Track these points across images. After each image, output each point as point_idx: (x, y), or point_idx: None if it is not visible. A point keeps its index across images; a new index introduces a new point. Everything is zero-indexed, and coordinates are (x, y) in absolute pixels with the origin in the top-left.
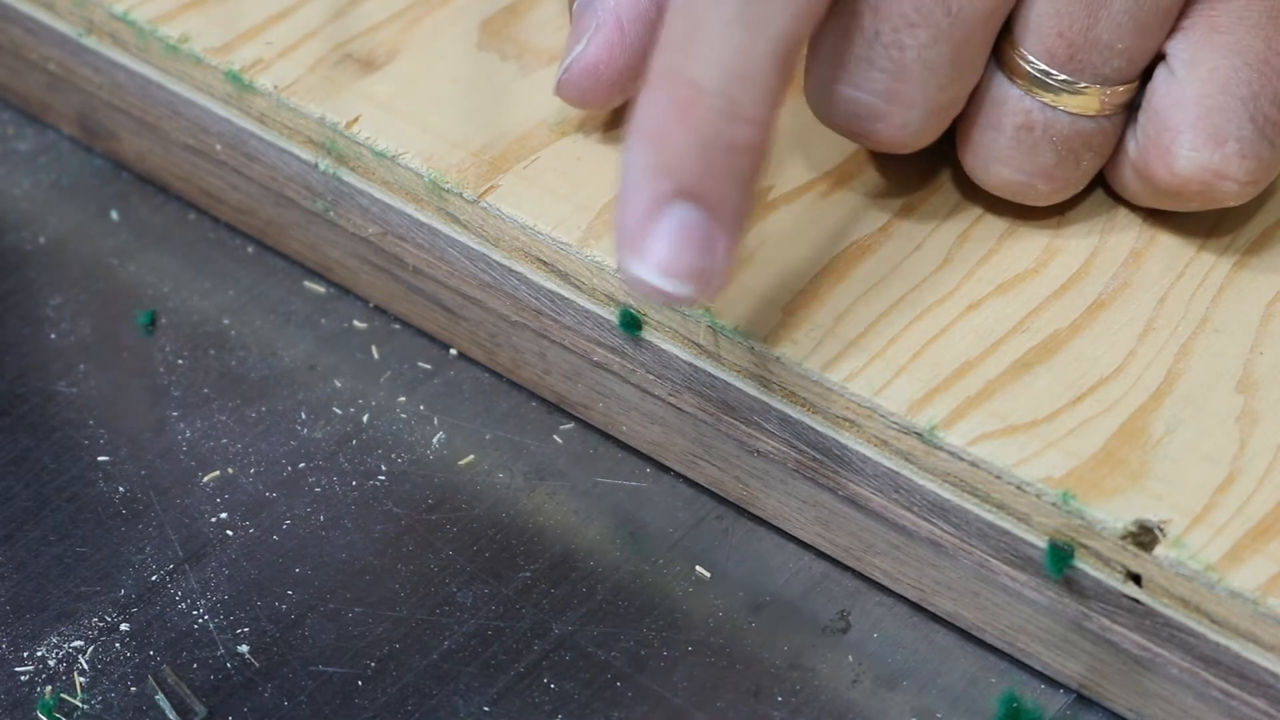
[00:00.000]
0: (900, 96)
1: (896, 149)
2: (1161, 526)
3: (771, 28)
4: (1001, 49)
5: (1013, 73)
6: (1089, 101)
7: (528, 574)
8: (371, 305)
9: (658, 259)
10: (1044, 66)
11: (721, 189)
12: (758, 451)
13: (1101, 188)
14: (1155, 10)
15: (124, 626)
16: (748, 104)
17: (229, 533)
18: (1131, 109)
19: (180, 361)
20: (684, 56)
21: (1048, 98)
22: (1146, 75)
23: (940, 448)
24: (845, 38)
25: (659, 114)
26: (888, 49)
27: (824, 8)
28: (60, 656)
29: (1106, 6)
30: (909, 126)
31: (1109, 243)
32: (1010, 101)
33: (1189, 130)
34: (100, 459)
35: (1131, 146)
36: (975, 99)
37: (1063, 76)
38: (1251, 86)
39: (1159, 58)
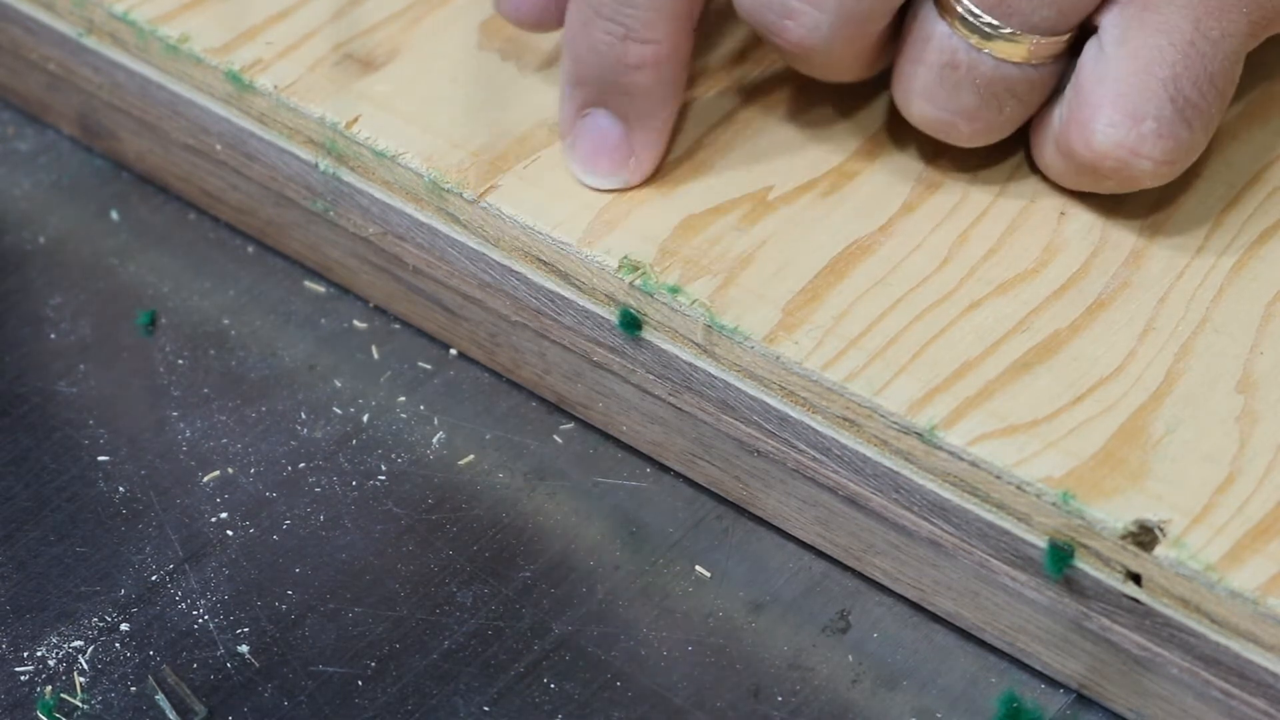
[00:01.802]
0: None
1: (807, 56)
2: (1161, 526)
3: None
4: None
5: (944, 10)
6: (1016, 49)
7: (528, 574)
8: (371, 305)
9: (579, 156)
10: (973, 7)
11: (627, 101)
12: (758, 451)
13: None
14: None
15: (124, 626)
16: (639, 25)
17: (229, 533)
18: (1062, 79)
19: (180, 361)
20: None
21: (974, 39)
22: (1079, 46)
23: (940, 448)
24: None
25: (572, 32)
26: None
27: None
28: (60, 656)
29: None
30: (819, 29)
31: (1109, 243)
32: (938, 39)
33: (1108, 106)
34: (100, 459)
35: (1056, 119)
36: (907, 33)
37: (990, 20)
38: (1174, 68)
39: (1092, 30)
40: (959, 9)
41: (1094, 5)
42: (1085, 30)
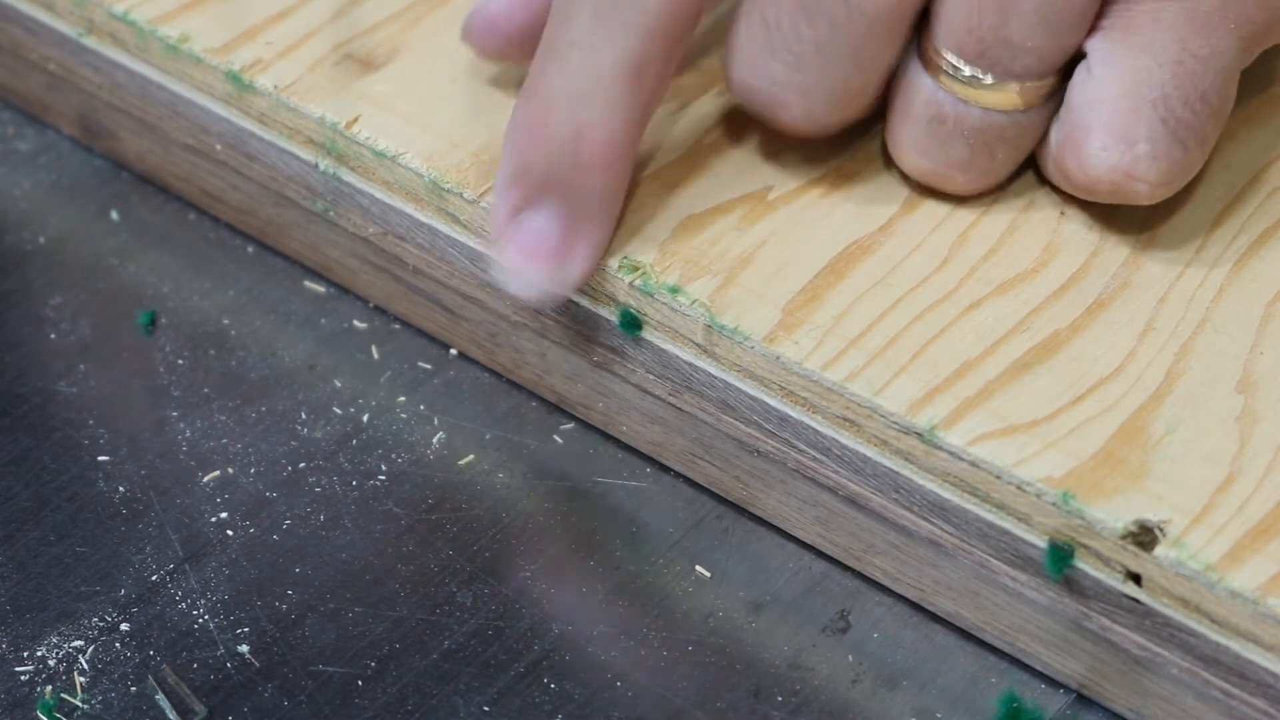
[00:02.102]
0: (799, 86)
1: (806, 134)
2: (1161, 526)
3: (617, 49)
4: (920, 41)
5: (928, 65)
6: (1002, 97)
7: (528, 574)
8: (371, 305)
9: (511, 262)
10: (954, 61)
11: (571, 202)
12: (758, 451)
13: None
14: (1067, 10)
15: (124, 626)
16: (593, 122)
17: (229, 533)
18: (1055, 105)
19: (180, 361)
20: (542, 68)
21: (960, 91)
22: (1069, 71)
23: (940, 448)
24: (748, 25)
25: (519, 124)
26: (786, 39)
27: (682, 26)
28: (60, 656)
29: (1016, 6)
30: (812, 115)
31: (1109, 243)
32: (924, 93)
33: (1100, 130)
34: (100, 459)
35: (1053, 140)
36: (896, 89)
37: (971, 72)
38: (1164, 88)
39: (1080, 55)
40: (942, 63)
41: (1075, 44)
42: (1072, 62)
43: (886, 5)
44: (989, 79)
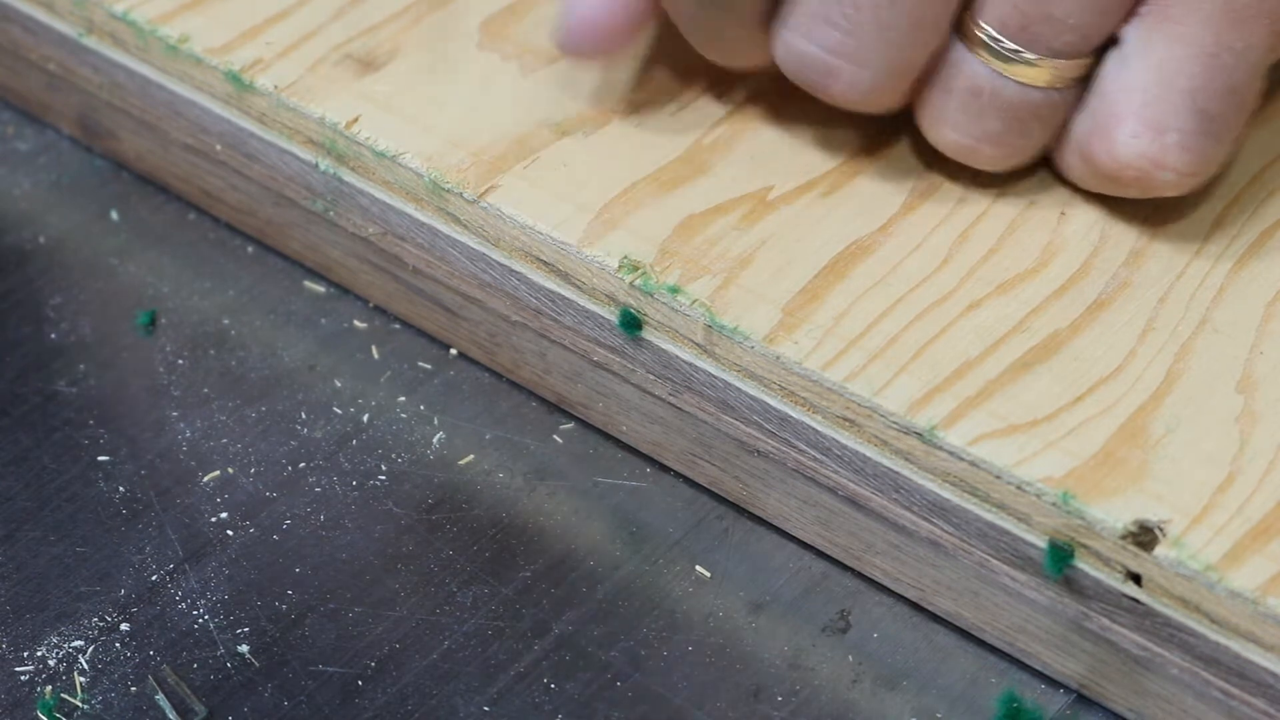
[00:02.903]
0: (854, 54)
1: (852, 106)
2: (1161, 526)
3: None
4: (960, 13)
5: (966, 37)
6: (1039, 73)
7: (528, 574)
8: (371, 305)
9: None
10: (995, 34)
11: None
12: (758, 451)
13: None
14: None
15: (124, 626)
16: None
17: (229, 533)
18: (1085, 88)
19: (180, 361)
20: None
21: (998, 65)
22: (1101, 56)
23: (940, 448)
24: None
25: None
26: (844, 6)
27: None
28: (60, 656)
29: None
30: (861, 85)
31: (1109, 243)
32: (962, 65)
33: (1131, 117)
34: (100, 459)
35: (1078, 127)
36: (932, 62)
37: (1013, 46)
38: (1197, 79)
39: (1113, 41)
40: (982, 36)
41: (1116, 24)
42: (1106, 45)
43: None
44: (1029, 54)
